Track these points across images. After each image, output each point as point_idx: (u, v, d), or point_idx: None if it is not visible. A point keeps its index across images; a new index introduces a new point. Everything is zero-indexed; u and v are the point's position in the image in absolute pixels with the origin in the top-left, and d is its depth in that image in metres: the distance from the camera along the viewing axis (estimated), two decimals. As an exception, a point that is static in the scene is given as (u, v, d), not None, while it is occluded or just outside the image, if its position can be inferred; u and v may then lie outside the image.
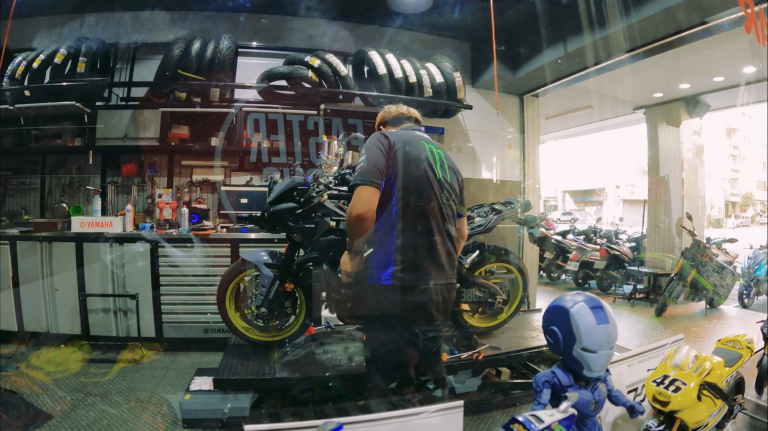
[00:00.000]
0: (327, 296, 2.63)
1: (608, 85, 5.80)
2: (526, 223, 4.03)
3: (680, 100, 6.41)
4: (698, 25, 3.33)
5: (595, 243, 6.97)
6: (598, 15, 3.64)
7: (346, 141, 3.10)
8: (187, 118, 4.30)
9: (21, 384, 2.98)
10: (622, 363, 1.95)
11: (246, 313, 2.79)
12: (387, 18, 4.63)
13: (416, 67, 4.33)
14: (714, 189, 21.75)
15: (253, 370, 2.54)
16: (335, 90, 4.24)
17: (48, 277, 3.69)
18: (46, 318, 3.68)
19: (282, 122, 4.27)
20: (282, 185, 2.60)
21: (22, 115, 4.07)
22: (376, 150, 1.91)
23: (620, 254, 6.59)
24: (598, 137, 12.11)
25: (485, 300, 2.98)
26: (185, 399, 2.57)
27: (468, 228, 2.92)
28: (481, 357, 2.77)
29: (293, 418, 2.23)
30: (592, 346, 1.51)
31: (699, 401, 1.77)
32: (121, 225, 3.91)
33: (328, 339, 3.01)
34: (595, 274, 6.70)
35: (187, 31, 4.27)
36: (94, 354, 3.57)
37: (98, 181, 4.33)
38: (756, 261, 5.67)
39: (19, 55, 3.91)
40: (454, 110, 4.66)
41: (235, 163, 4.53)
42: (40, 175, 4.36)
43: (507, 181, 5.30)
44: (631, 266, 6.46)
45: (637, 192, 18.73)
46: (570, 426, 1.31)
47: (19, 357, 3.46)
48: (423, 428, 1.42)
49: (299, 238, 2.62)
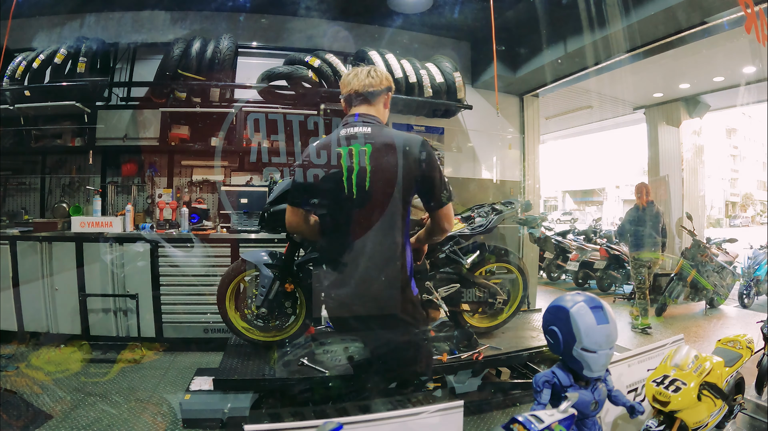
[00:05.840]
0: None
1: (608, 85, 5.80)
2: (526, 223, 4.03)
3: (680, 100, 6.41)
4: (698, 25, 3.34)
5: (595, 243, 6.97)
6: (598, 15, 3.64)
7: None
8: (187, 118, 4.30)
9: (21, 384, 2.98)
10: (622, 363, 1.95)
11: (246, 313, 2.79)
12: (387, 18, 4.63)
13: (416, 67, 4.33)
14: (714, 189, 21.74)
15: (253, 370, 2.54)
16: (335, 90, 4.23)
17: (48, 277, 3.68)
18: (46, 318, 3.68)
19: (282, 122, 4.24)
20: (282, 185, 2.60)
21: (22, 115, 4.06)
22: (300, 170, 1.74)
23: (620, 254, 6.59)
24: (598, 137, 12.11)
25: (485, 300, 2.98)
26: (185, 399, 2.57)
27: (468, 229, 2.93)
28: (481, 357, 2.76)
29: (293, 418, 2.22)
30: (592, 346, 1.51)
31: (699, 401, 1.77)
32: (121, 225, 3.90)
33: (328, 339, 3.01)
34: (595, 274, 6.70)
35: (187, 31, 4.27)
36: (94, 354, 3.57)
37: (98, 181, 4.33)
38: (756, 261, 5.67)
39: (19, 55, 3.90)
40: (454, 110, 4.66)
41: (235, 163, 4.53)
42: (40, 175, 4.36)
43: (507, 181, 5.30)
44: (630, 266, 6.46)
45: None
46: (570, 426, 1.31)
47: (19, 357, 3.46)
48: (423, 428, 1.42)
49: (299, 238, 2.61)
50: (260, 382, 2.48)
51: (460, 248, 2.82)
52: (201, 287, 3.73)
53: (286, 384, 2.50)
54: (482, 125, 5.11)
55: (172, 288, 3.75)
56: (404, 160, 1.69)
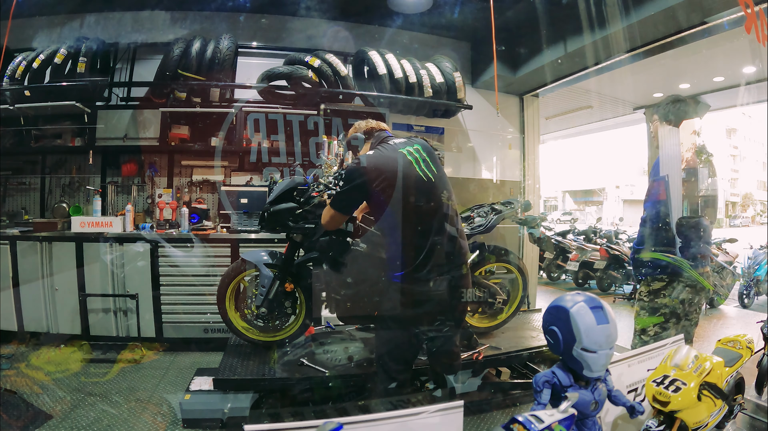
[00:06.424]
0: (327, 296, 2.63)
1: (608, 85, 5.79)
2: (526, 223, 4.03)
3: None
4: (698, 25, 3.33)
5: (595, 243, 6.97)
6: (598, 15, 3.64)
7: (346, 141, 3.09)
8: (187, 118, 4.30)
9: (21, 384, 2.98)
10: (622, 363, 1.95)
11: (246, 313, 2.79)
12: (387, 18, 4.63)
13: (416, 67, 4.33)
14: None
15: (253, 370, 2.54)
16: (335, 90, 4.24)
17: (48, 277, 3.68)
18: (46, 318, 3.68)
19: (282, 122, 4.27)
20: (282, 185, 2.61)
21: (22, 115, 4.07)
22: (354, 180, 2.08)
23: (620, 254, 6.59)
24: (598, 137, 12.10)
25: (485, 300, 2.98)
26: (185, 399, 2.57)
27: (468, 229, 2.94)
28: (481, 357, 2.77)
29: (293, 418, 2.22)
30: (592, 346, 1.51)
31: (699, 401, 1.77)
32: (121, 226, 3.91)
33: (328, 339, 3.01)
34: (595, 274, 6.70)
35: (187, 31, 4.27)
36: (94, 354, 3.57)
37: (98, 181, 4.33)
38: (756, 261, 5.67)
39: (19, 55, 3.90)
40: (454, 110, 4.66)
41: (235, 163, 4.53)
42: (40, 175, 4.36)
43: (507, 181, 5.30)
44: (631, 266, 6.46)
45: (637, 192, 18.72)
46: (570, 426, 1.30)
47: (19, 357, 3.46)
48: (423, 428, 1.42)
49: (299, 238, 2.61)
50: (260, 382, 2.48)
51: (460, 248, 2.81)
52: (201, 287, 3.73)
53: (286, 384, 2.50)
54: (482, 125, 5.11)
55: (172, 288, 3.75)
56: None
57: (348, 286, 2.50)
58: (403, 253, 2.04)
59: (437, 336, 2.16)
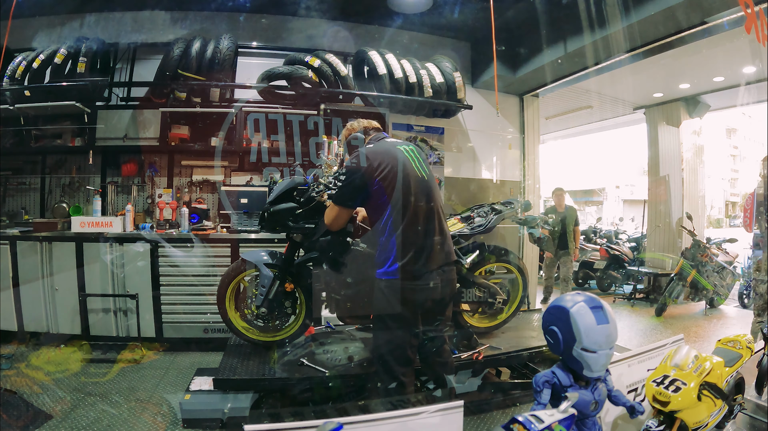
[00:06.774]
0: (327, 296, 2.63)
1: (608, 85, 5.79)
2: (526, 223, 4.03)
3: (680, 100, 6.40)
4: (698, 25, 3.33)
5: (595, 243, 6.97)
6: (598, 15, 3.64)
7: (347, 141, 3.09)
8: (187, 118, 4.30)
9: (21, 384, 2.98)
10: (622, 363, 1.95)
11: (246, 313, 2.79)
12: (387, 18, 4.63)
13: (416, 67, 4.33)
14: (714, 189, 21.73)
15: (253, 370, 2.54)
16: (335, 90, 4.24)
17: (48, 277, 3.68)
18: (46, 318, 3.68)
19: (282, 122, 4.27)
20: (282, 185, 2.61)
21: (22, 115, 4.07)
22: (356, 173, 2.13)
23: (620, 254, 6.59)
24: (598, 137, 12.08)
25: (485, 300, 2.98)
26: (185, 399, 2.57)
27: (468, 229, 2.94)
28: (481, 357, 2.77)
29: (293, 418, 2.22)
30: (592, 346, 1.51)
31: (699, 401, 1.77)
32: (121, 225, 3.90)
33: (328, 339, 3.01)
34: (595, 274, 6.70)
35: (187, 31, 4.27)
36: (94, 354, 3.57)
37: (98, 181, 4.33)
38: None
39: (19, 55, 3.90)
40: (454, 110, 4.66)
41: (235, 163, 4.53)
42: (40, 175, 4.36)
43: (507, 181, 5.30)
44: (631, 266, 6.46)
45: (637, 192, 18.71)
46: (570, 426, 1.31)
47: (19, 357, 3.46)
48: (423, 428, 1.42)
49: (299, 238, 2.61)
50: (260, 382, 2.49)
51: (459, 248, 2.81)
52: (201, 287, 3.73)
53: (286, 384, 2.50)
54: (482, 125, 5.11)
55: (172, 288, 3.75)
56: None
57: (348, 286, 2.50)
58: (398, 247, 2.09)
59: (428, 333, 2.21)
